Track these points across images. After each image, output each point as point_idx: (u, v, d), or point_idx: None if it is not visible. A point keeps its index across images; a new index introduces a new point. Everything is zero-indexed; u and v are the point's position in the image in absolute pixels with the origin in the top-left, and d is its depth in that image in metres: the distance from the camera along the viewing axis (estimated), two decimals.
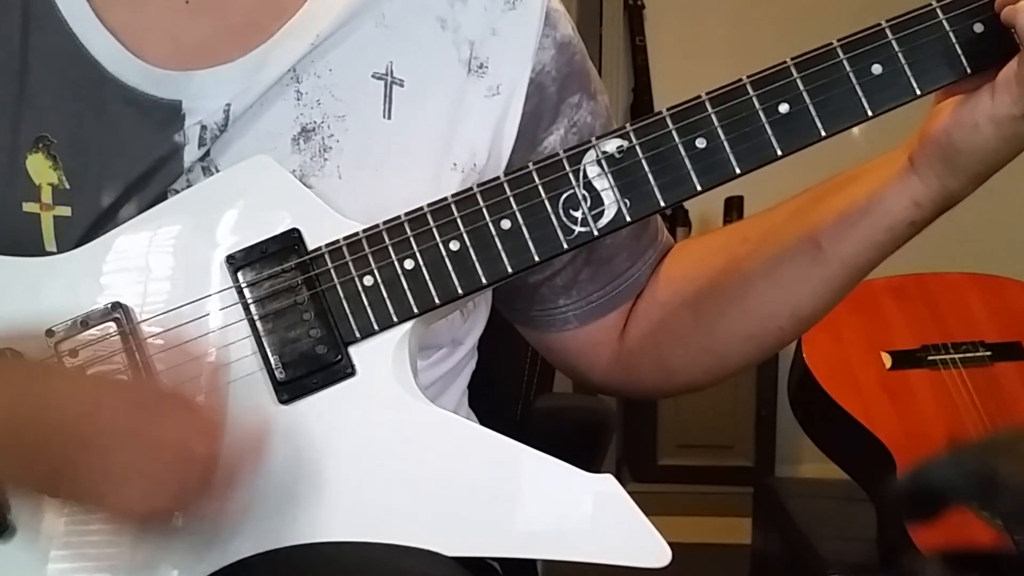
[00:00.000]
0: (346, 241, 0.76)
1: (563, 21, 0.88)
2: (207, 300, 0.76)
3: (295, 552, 0.73)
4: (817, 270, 0.83)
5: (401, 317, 0.76)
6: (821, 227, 0.82)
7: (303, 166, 0.80)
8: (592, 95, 0.90)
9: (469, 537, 0.73)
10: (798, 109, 0.75)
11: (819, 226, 0.83)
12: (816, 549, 1.66)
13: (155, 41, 0.82)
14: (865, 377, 1.63)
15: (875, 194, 0.80)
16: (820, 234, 0.82)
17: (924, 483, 1.09)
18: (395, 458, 0.75)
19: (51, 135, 0.79)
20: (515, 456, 0.74)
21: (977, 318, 1.69)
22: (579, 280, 0.91)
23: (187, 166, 0.80)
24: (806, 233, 0.83)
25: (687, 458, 3.01)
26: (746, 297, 0.87)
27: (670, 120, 0.76)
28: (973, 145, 0.75)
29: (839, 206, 0.82)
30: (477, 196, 0.76)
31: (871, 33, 0.75)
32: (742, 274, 0.86)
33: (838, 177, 0.84)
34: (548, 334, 0.95)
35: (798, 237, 0.84)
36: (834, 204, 0.82)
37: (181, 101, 0.80)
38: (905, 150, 0.79)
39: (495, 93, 0.85)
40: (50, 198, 0.79)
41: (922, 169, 0.78)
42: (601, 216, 0.76)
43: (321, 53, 0.82)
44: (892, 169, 0.80)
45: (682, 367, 0.92)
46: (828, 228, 0.82)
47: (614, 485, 0.72)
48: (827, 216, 0.82)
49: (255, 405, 0.75)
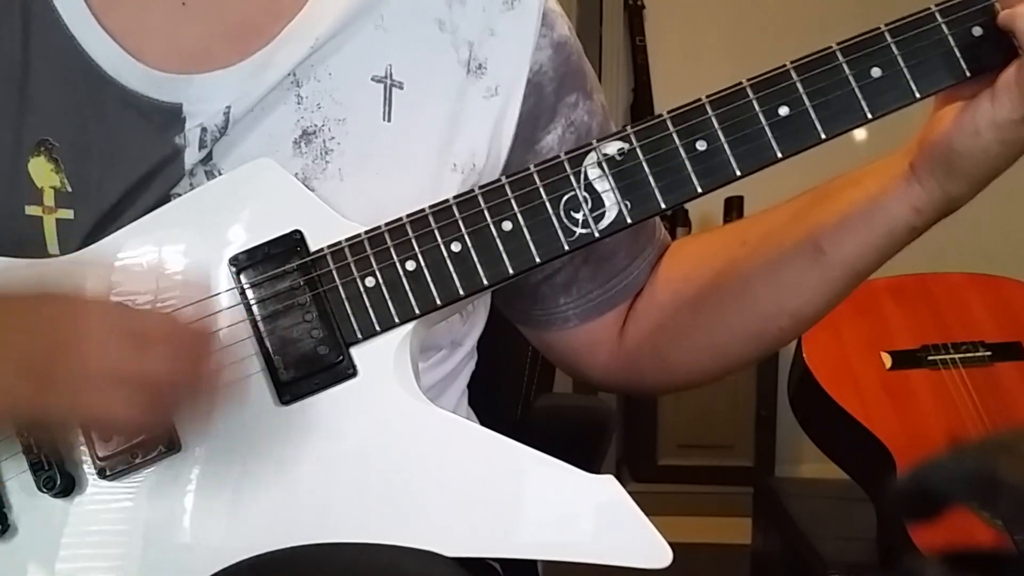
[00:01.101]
0: (348, 242, 0.76)
1: (560, 21, 0.89)
2: (210, 301, 0.76)
3: (295, 553, 0.73)
4: (817, 272, 0.84)
5: (403, 318, 0.76)
6: (822, 230, 0.83)
7: (305, 169, 0.80)
8: (588, 94, 0.90)
9: (469, 538, 0.74)
10: (798, 112, 0.75)
11: (820, 229, 0.83)
12: (816, 549, 1.66)
13: (154, 44, 0.82)
14: (865, 377, 1.63)
15: (876, 199, 0.80)
16: (821, 237, 0.83)
17: (924, 483, 1.09)
18: (396, 459, 0.75)
19: (53, 138, 0.80)
20: (515, 457, 0.74)
21: (977, 318, 1.69)
22: (579, 278, 0.92)
23: (188, 168, 0.80)
24: (806, 236, 0.83)
25: (687, 458, 3.01)
26: (746, 298, 0.87)
27: (671, 122, 0.76)
28: (974, 150, 0.75)
29: (840, 209, 0.82)
30: (479, 198, 0.76)
31: (870, 37, 0.76)
32: (742, 275, 0.87)
33: (838, 179, 0.84)
34: (549, 332, 0.95)
35: (798, 240, 0.84)
36: (835, 207, 0.82)
37: (182, 104, 0.80)
38: (905, 156, 0.79)
39: (493, 94, 0.85)
40: (52, 201, 0.79)
41: (923, 175, 0.78)
42: (602, 218, 0.77)
43: (321, 57, 0.82)
44: (892, 174, 0.80)
45: (681, 365, 0.92)
46: (829, 231, 0.82)
47: (614, 486, 0.73)
48: (828, 219, 0.82)
49: (257, 405, 0.75)
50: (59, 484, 0.74)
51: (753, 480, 2.39)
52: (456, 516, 0.74)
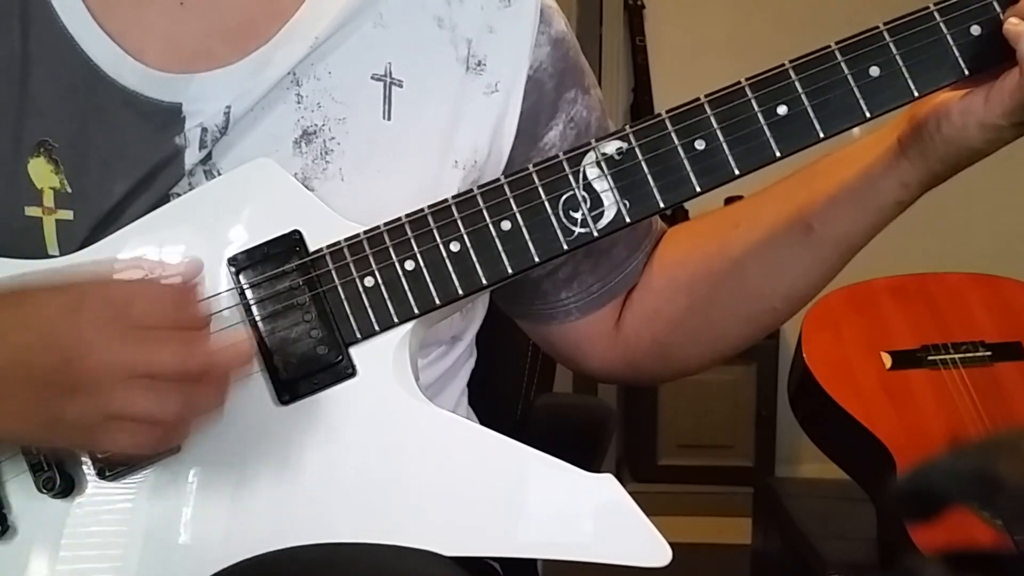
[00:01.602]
0: (347, 242, 0.76)
1: (556, 17, 0.89)
2: (209, 301, 0.76)
3: (295, 553, 0.73)
4: (809, 251, 0.85)
5: (402, 318, 0.76)
6: (811, 209, 0.84)
7: (305, 169, 0.80)
8: (587, 89, 0.91)
9: (469, 537, 0.74)
10: (796, 111, 0.76)
11: (809, 208, 0.84)
12: (816, 549, 1.66)
13: (153, 44, 0.82)
14: (865, 377, 1.63)
15: (865, 176, 0.82)
16: (811, 216, 0.84)
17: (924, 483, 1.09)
18: (395, 458, 0.75)
19: (52, 139, 0.80)
20: (515, 456, 0.75)
21: (977, 318, 1.69)
22: (580, 272, 0.92)
23: (188, 168, 0.80)
24: (797, 216, 0.85)
25: (687, 458, 3.01)
26: (739, 280, 0.88)
27: (669, 122, 0.76)
28: (959, 141, 0.77)
29: (829, 189, 0.83)
30: (477, 197, 0.77)
31: (869, 36, 0.76)
32: (734, 258, 0.88)
33: (825, 158, 0.86)
34: (549, 326, 0.95)
35: (789, 220, 0.85)
36: (823, 186, 0.84)
37: (181, 104, 0.80)
38: (893, 130, 0.81)
39: (494, 90, 0.85)
40: (52, 202, 0.79)
41: (911, 152, 0.80)
42: (601, 217, 0.77)
43: (320, 56, 0.82)
44: (881, 150, 0.81)
45: (678, 350, 0.93)
46: (818, 210, 0.84)
47: (614, 485, 0.73)
48: (817, 198, 0.84)
49: (256, 405, 0.75)
50: (59, 485, 0.74)
51: (753, 480, 2.39)
52: (456, 516, 0.74)
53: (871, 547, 1.57)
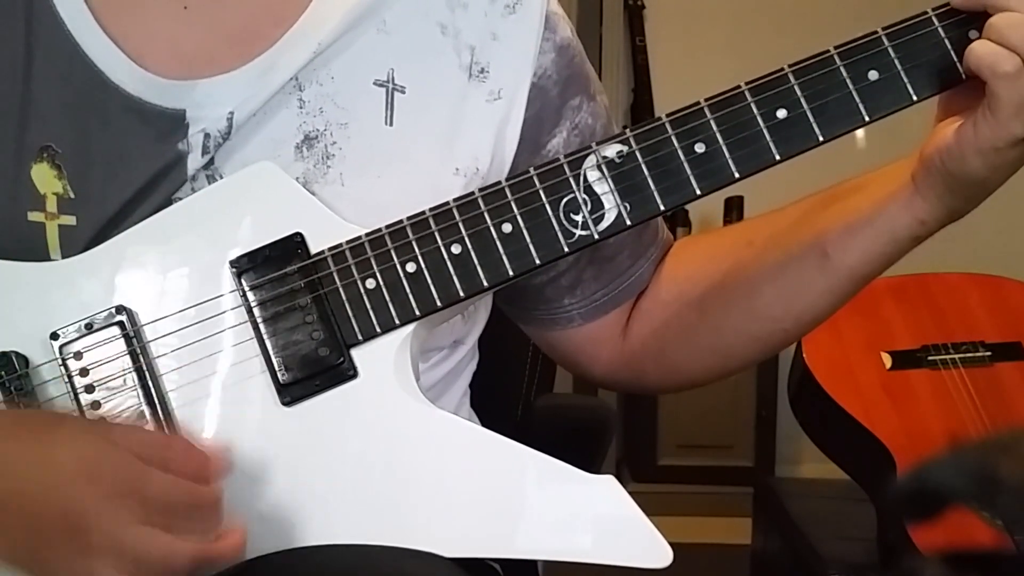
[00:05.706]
0: (348, 244, 0.77)
1: (562, 24, 0.89)
2: (211, 303, 0.76)
3: (296, 555, 0.73)
4: (823, 277, 0.84)
5: (403, 319, 0.76)
6: (827, 235, 0.83)
7: (306, 173, 0.80)
8: (592, 96, 0.91)
9: (469, 538, 0.74)
10: (796, 114, 0.76)
11: (825, 234, 0.83)
12: (816, 549, 1.66)
13: (156, 49, 0.82)
14: (865, 377, 1.63)
15: (880, 208, 0.81)
16: (827, 243, 0.83)
17: (924, 483, 1.10)
18: (396, 460, 0.75)
19: (55, 144, 0.80)
20: (516, 457, 0.75)
21: (977, 318, 1.69)
22: (583, 279, 0.92)
23: (191, 174, 0.80)
24: (812, 240, 0.84)
25: (687, 458, 3.01)
26: (751, 300, 0.87)
27: (669, 125, 0.76)
28: (964, 173, 0.76)
29: (845, 216, 0.83)
30: (479, 200, 0.77)
31: (868, 40, 0.76)
32: (748, 278, 0.87)
33: (844, 184, 0.85)
34: (552, 332, 0.95)
35: (804, 244, 0.84)
36: (840, 214, 0.83)
37: (185, 110, 0.80)
38: (909, 166, 0.80)
39: (496, 98, 0.85)
40: (55, 207, 0.79)
41: (924, 189, 0.79)
42: (601, 220, 0.77)
43: (323, 61, 0.82)
44: (897, 185, 0.80)
45: (685, 364, 0.93)
46: (834, 237, 0.83)
47: (615, 486, 0.73)
48: (833, 225, 0.83)
49: (258, 407, 0.76)
50: None
51: (753, 480, 2.39)
52: (456, 517, 0.74)
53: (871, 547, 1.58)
